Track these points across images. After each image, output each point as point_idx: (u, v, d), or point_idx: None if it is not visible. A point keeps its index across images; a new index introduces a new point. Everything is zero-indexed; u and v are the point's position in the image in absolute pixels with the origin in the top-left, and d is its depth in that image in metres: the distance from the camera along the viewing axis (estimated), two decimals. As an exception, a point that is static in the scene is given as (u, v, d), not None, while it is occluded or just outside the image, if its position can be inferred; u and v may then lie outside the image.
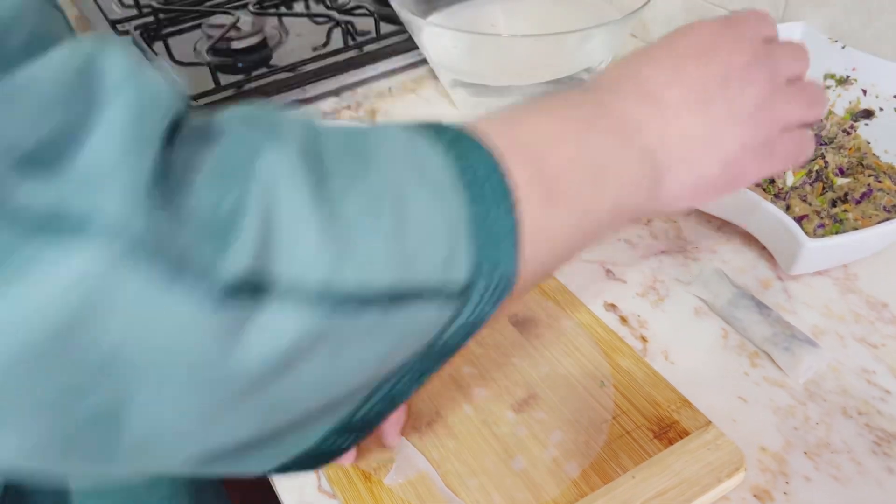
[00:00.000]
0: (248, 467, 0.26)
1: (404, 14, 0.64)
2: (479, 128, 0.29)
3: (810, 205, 0.52)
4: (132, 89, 0.20)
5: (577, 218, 0.30)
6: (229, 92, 0.70)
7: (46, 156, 0.18)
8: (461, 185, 0.26)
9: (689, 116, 0.33)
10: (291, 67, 0.73)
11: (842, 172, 0.54)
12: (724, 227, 0.57)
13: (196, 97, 0.68)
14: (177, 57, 0.78)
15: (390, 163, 0.25)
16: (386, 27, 0.79)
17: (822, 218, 0.51)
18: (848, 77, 0.60)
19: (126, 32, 0.81)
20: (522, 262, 0.27)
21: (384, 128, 0.27)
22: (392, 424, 0.41)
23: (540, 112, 0.31)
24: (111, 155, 0.19)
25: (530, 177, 0.28)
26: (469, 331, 0.28)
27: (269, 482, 0.43)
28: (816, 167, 0.54)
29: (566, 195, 0.29)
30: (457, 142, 0.27)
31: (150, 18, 0.83)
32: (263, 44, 0.78)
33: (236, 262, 0.20)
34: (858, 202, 0.52)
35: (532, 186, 0.28)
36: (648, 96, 0.33)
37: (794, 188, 0.53)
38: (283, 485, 0.41)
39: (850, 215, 0.51)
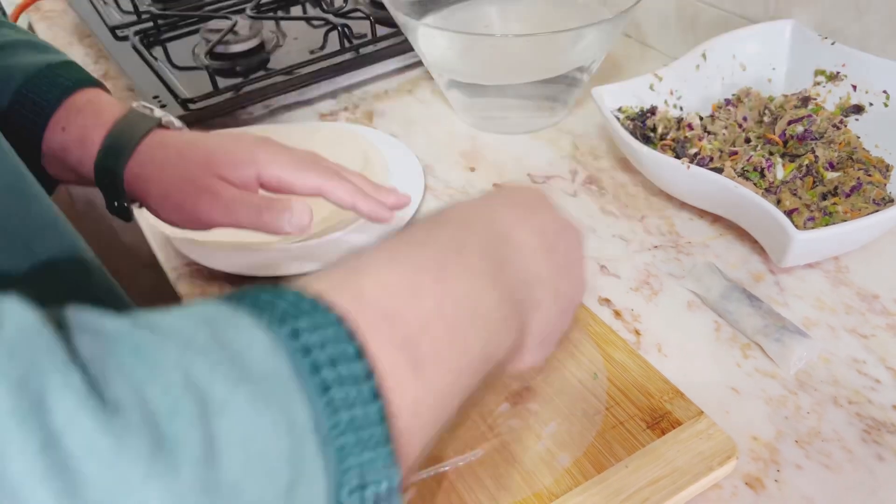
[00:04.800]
0: None
1: (399, 16, 0.65)
2: (318, 289, 0.24)
3: (800, 198, 0.53)
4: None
5: (452, 378, 0.26)
6: (228, 95, 0.71)
7: None
8: (299, 374, 0.21)
9: (541, 261, 0.32)
10: (289, 70, 0.74)
11: (832, 167, 0.54)
12: (717, 221, 0.58)
13: (195, 100, 0.69)
14: (175, 62, 0.79)
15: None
16: (382, 30, 0.80)
17: (812, 211, 0.52)
18: (838, 73, 0.61)
19: (125, 38, 0.82)
20: (400, 456, 0.22)
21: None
22: None
23: (387, 261, 0.27)
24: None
25: (388, 341, 0.23)
26: None
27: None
28: (807, 161, 0.54)
29: (435, 356, 0.25)
30: (290, 314, 0.22)
31: (149, 24, 0.84)
32: (261, 47, 0.79)
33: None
34: (848, 195, 0.52)
35: (394, 355, 0.23)
36: (501, 236, 0.31)
37: (784, 182, 0.54)
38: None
39: (839, 208, 0.51)
